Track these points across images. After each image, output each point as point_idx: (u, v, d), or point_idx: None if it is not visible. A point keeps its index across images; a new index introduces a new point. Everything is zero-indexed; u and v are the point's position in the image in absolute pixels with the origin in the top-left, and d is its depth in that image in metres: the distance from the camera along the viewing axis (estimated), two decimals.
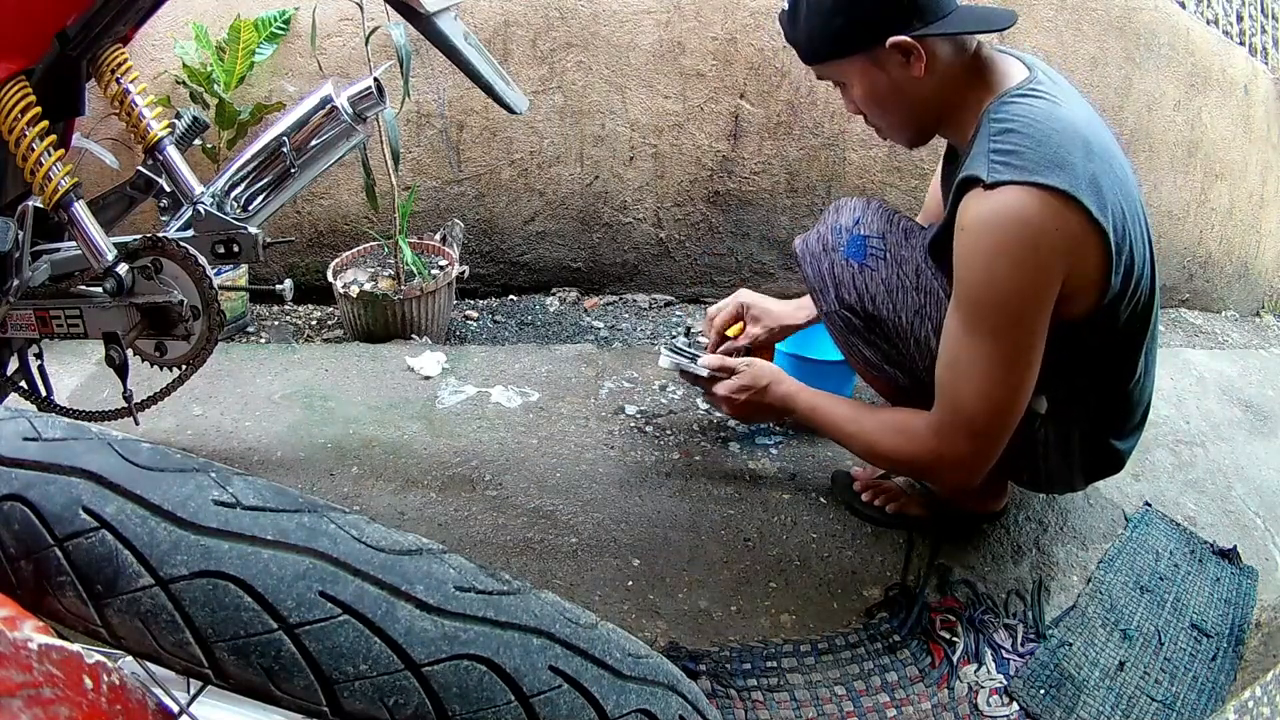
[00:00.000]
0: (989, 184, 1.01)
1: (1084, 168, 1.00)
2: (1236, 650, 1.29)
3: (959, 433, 1.13)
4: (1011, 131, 1.03)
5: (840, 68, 1.13)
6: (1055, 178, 0.99)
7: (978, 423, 1.12)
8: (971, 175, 1.03)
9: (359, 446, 1.60)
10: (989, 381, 1.09)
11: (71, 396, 1.72)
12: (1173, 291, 2.98)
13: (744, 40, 2.29)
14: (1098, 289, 1.06)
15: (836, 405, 1.33)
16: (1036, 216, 0.99)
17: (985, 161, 1.02)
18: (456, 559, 0.51)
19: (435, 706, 0.45)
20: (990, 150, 1.03)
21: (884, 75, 1.11)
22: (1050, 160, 1.00)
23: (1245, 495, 1.63)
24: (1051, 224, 0.99)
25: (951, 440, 1.14)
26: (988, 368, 1.08)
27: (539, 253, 2.47)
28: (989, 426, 1.12)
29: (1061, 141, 1.01)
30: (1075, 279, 1.05)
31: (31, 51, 1.14)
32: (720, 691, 1.15)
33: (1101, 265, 1.04)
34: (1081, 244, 1.02)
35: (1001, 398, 1.10)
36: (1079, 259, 1.03)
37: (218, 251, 1.28)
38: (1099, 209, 1.00)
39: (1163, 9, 2.59)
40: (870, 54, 1.09)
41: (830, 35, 1.10)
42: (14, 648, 0.34)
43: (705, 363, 1.48)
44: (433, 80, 2.25)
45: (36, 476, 0.46)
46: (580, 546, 1.38)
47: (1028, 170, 0.99)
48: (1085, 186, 1.00)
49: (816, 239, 1.31)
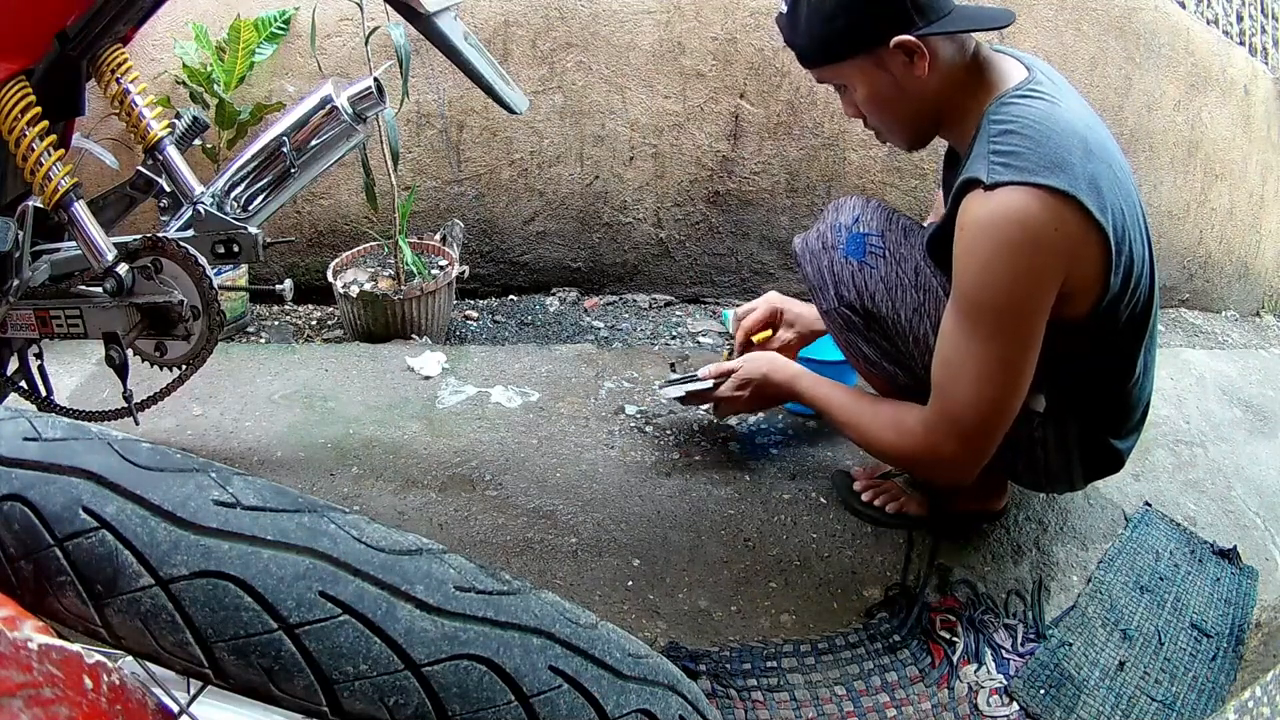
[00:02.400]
0: (989, 185, 1.01)
1: (1083, 168, 1.00)
2: (1236, 650, 1.29)
3: (951, 431, 1.13)
4: (1011, 133, 1.03)
5: (842, 70, 1.13)
6: (1055, 178, 0.99)
7: (970, 422, 1.12)
8: (972, 177, 1.03)
9: (359, 446, 1.60)
10: (983, 381, 1.08)
11: (71, 396, 1.72)
12: (1173, 291, 2.98)
13: (744, 40, 2.29)
14: (1097, 289, 1.07)
15: (835, 391, 1.34)
16: (1036, 217, 0.99)
17: (985, 163, 1.02)
18: (456, 559, 0.51)
19: (435, 706, 0.45)
20: (990, 151, 1.03)
21: (887, 76, 1.10)
22: (1050, 161, 1.00)
23: (1245, 495, 1.63)
24: (1051, 224, 0.99)
25: (944, 438, 1.14)
26: (983, 367, 1.08)
27: (539, 253, 2.47)
28: (981, 426, 1.12)
29: (1061, 142, 1.01)
30: (1074, 279, 1.05)
31: (31, 51, 1.14)
32: (720, 691, 1.15)
33: (1101, 265, 1.04)
34: (1081, 244, 1.02)
35: (995, 398, 1.10)
36: (1078, 259, 1.03)
37: (218, 251, 1.28)
38: (1099, 209, 1.01)
39: (1163, 9, 2.59)
40: (873, 55, 1.09)
41: (833, 37, 1.09)
42: (14, 648, 0.34)
43: (704, 373, 1.50)
44: (433, 80, 2.25)
45: (36, 476, 0.46)
46: (580, 546, 1.38)
47: (1027, 171, 0.99)
48: (1085, 186, 1.00)
49: (816, 237, 1.31)
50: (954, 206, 1.08)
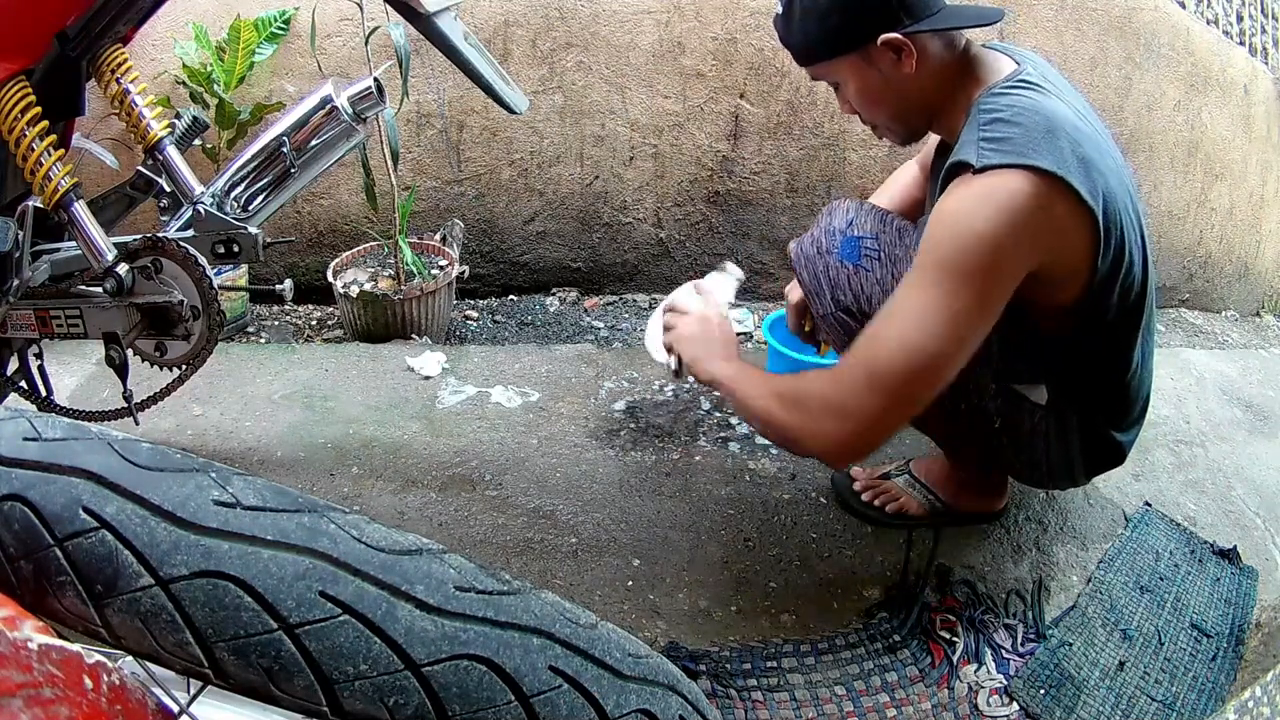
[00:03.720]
0: (978, 168, 1.01)
1: (1073, 150, 1.00)
2: (1236, 650, 1.29)
3: (863, 379, 1.01)
4: (1000, 121, 1.03)
5: (834, 67, 1.15)
6: (1043, 159, 0.99)
7: (889, 370, 0.99)
8: (960, 160, 1.03)
9: (359, 446, 1.60)
10: (915, 328, 0.98)
11: (71, 396, 1.72)
12: (1173, 291, 2.98)
13: (744, 40, 2.29)
14: (1085, 272, 1.06)
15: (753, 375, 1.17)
16: (1023, 193, 0.98)
17: (975, 148, 1.02)
18: (456, 559, 0.51)
19: (435, 706, 0.45)
20: (979, 138, 1.03)
21: (876, 73, 1.12)
22: (1039, 144, 1.00)
23: (1245, 495, 1.63)
24: (1038, 203, 0.98)
25: (852, 389, 1.01)
26: (921, 314, 0.99)
27: (539, 253, 2.47)
28: (901, 376, 0.99)
29: (1050, 128, 1.01)
30: (1062, 262, 1.05)
31: (31, 51, 1.14)
32: (720, 691, 1.15)
33: (1089, 247, 1.04)
34: (1068, 226, 1.02)
35: (923, 348, 0.98)
36: (1065, 241, 1.03)
37: (218, 251, 1.28)
38: (1089, 191, 1.00)
39: (1163, 9, 2.59)
40: (862, 52, 1.11)
41: (824, 35, 1.12)
42: (14, 648, 0.34)
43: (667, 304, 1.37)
44: (433, 80, 2.25)
45: (36, 476, 0.46)
46: (580, 546, 1.38)
47: (1016, 154, 0.99)
48: (1074, 168, 1.00)
49: (811, 242, 1.31)
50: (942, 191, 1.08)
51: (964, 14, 1.12)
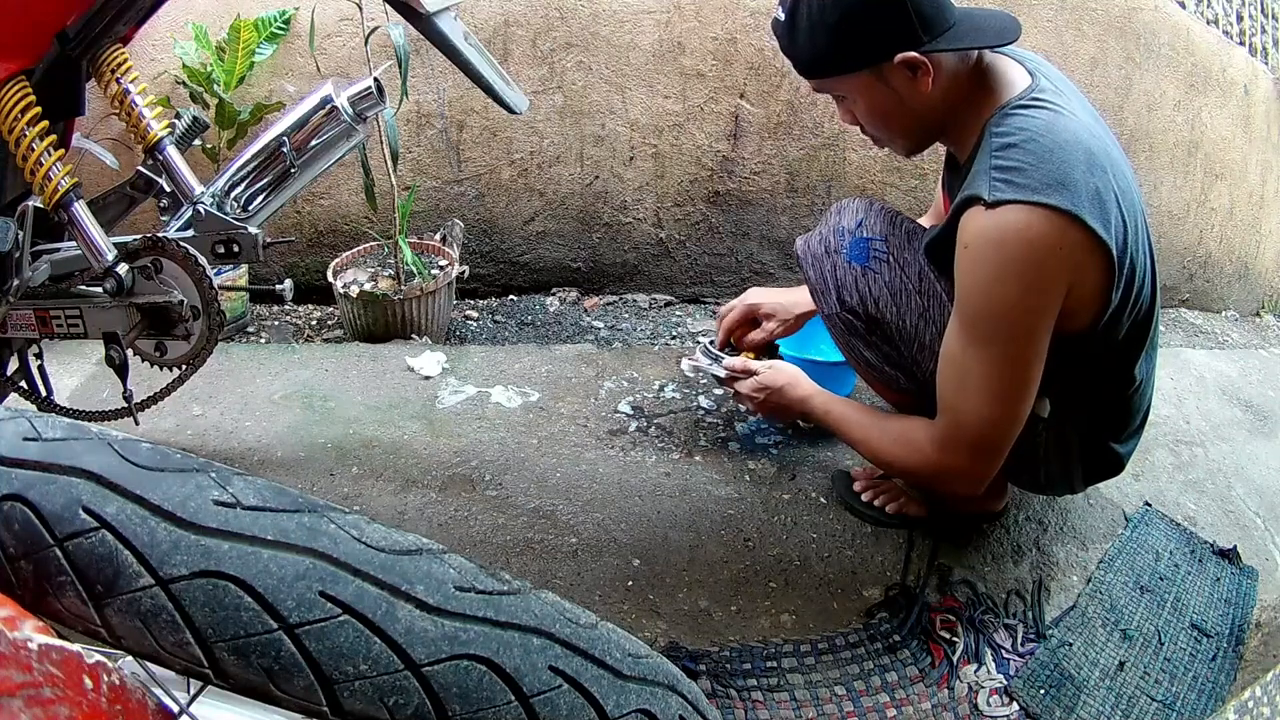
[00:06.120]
0: (990, 203, 1.00)
1: (1086, 183, 0.99)
2: (1236, 650, 1.29)
3: (960, 446, 1.14)
4: (1013, 146, 1.02)
5: (843, 83, 1.11)
6: (1058, 197, 0.98)
7: (978, 437, 1.12)
8: (973, 194, 1.03)
9: (359, 446, 1.60)
10: (991, 397, 1.09)
11: (71, 396, 1.72)
12: (1173, 291, 2.98)
13: (744, 40, 2.29)
14: (1099, 303, 1.07)
15: (849, 411, 1.33)
16: (1040, 237, 0.98)
17: (987, 179, 1.01)
18: (456, 559, 0.51)
19: (435, 706, 0.45)
20: (992, 167, 1.02)
21: (889, 90, 1.08)
22: (1052, 178, 0.98)
23: (1245, 495, 1.63)
24: (1055, 243, 0.99)
25: (953, 453, 1.15)
26: (989, 383, 1.08)
27: (539, 253, 2.47)
28: (990, 440, 1.13)
29: (1064, 156, 1.00)
30: (1077, 296, 1.05)
31: (31, 51, 1.14)
32: (720, 691, 1.15)
33: (1103, 281, 1.04)
34: (1084, 262, 1.02)
35: (1002, 414, 1.10)
36: (1081, 276, 1.03)
37: (218, 251, 1.28)
38: (1102, 226, 1.00)
39: (1163, 9, 2.59)
40: (876, 70, 1.07)
41: (835, 50, 1.07)
42: (14, 648, 0.34)
43: (728, 364, 1.50)
44: (433, 80, 2.25)
45: (36, 476, 0.46)
46: (580, 546, 1.38)
47: (1029, 189, 0.98)
48: (1088, 204, 0.99)
49: (819, 240, 1.31)
50: (954, 218, 1.07)
51: (983, 32, 1.07)
